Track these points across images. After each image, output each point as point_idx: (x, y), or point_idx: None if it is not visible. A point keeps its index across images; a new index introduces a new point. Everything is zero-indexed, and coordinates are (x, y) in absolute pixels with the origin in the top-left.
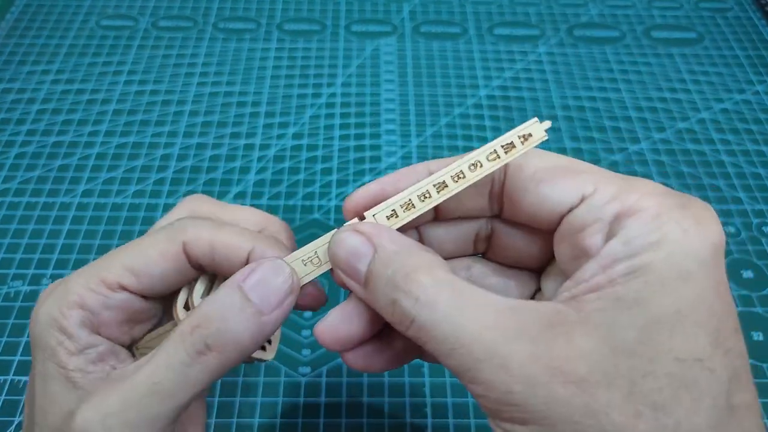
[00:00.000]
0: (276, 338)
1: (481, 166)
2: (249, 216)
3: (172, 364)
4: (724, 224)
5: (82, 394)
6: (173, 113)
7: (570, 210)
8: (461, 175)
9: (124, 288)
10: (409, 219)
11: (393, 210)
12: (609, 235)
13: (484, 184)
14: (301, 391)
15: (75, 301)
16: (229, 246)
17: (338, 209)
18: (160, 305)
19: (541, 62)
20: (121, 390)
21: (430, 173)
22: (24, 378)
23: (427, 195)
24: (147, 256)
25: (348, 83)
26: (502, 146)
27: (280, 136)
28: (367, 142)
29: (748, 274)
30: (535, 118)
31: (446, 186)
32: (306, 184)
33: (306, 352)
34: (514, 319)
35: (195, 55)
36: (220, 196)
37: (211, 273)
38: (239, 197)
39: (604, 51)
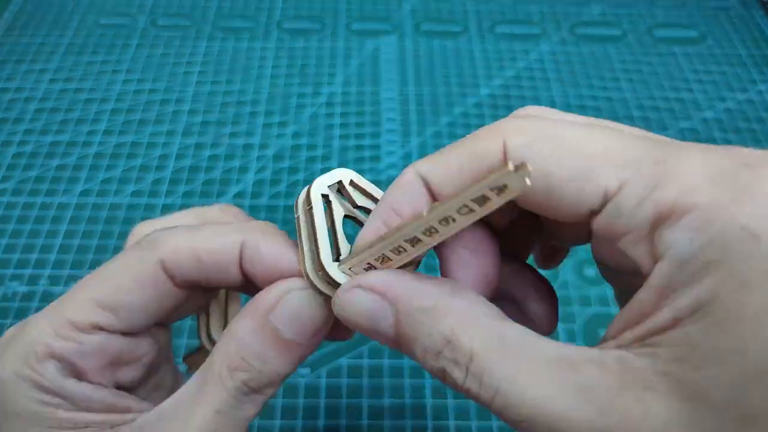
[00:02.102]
0: None
1: (454, 221)
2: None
3: (221, 411)
4: None
5: None
6: (171, 112)
7: (593, 213)
8: (433, 230)
9: (99, 328)
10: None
11: (369, 263)
12: (653, 252)
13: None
14: (301, 393)
15: (43, 351)
16: (214, 251)
17: None
18: (149, 340)
19: (542, 61)
20: None
21: (426, 187)
22: None
23: (402, 249)
24: (120, 286)
25: (348, 82)
26: (473, 200)
27: (279, 136)
28: (367, 141)
29: None
30: (509, 165)
31: (420, 240)
32: (306, 184)
33: None
34: (574, 382)
35: (194, 54)
36: (219, 195)
37: (217, 293)
38: (238, 197)
39: (607, 50)
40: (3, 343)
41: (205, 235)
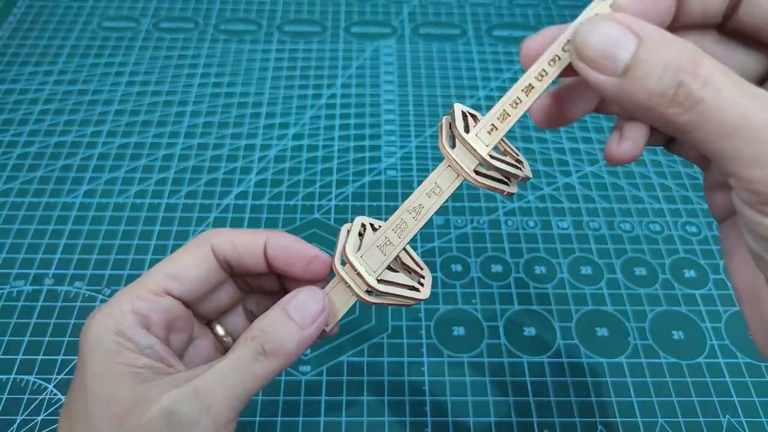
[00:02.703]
0: (428, 281)
1: (559, 59)
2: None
3: (240, 360)
4: None
5: (153, 386)
6: (175, 114)
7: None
8: (544, 73)
9: (168, 293)
10: (507, 128)
11: (492, 125)
12: None
13: None
14: (302, 390)
15: (128, 309)
16: (247, 241)
17: (338, 209)
18: (192, 318)
19: None
20: (202, 379)
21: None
22: (27, 377)
23: (518, 101)
24: (183, 262)
25: (348, 84)
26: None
27: (280, 137)
28: (366, 142)
29: None
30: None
31: (533, 87)
32: (306, 184)
33: (306, 351)
34: None
35: (196, 56)
36: (222, 196)
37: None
38: (240, 197)
39: None
40: (98, 309)
41: (240, 233)
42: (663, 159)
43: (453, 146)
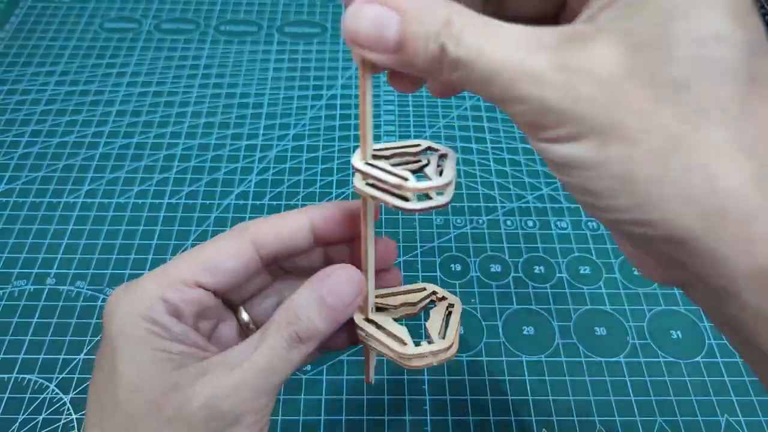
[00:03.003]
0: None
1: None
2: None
3: (276, 349)
4: None
5: (189, 372)
6: (176, 114)
7: None
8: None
9: (200, 285)
10: (369, 136)
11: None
12: None
13: None
14: (302, 389)
15: (158, 296)
16: (291, 228)
17: None
18: (221, 307)
19: None
20: (241, 372)
21: None
22: (28, 376)
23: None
24: (220, 254)
25: (348, 85)
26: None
27: (281, 137)
28: None
29: None
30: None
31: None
32: (307, 185)
33: None
34: (535, 38)
35: (197, 57)
36: (223, 196)
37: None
38: (241, 197)
39: None
40: (122, 292)
41: (281, 219)
42: None
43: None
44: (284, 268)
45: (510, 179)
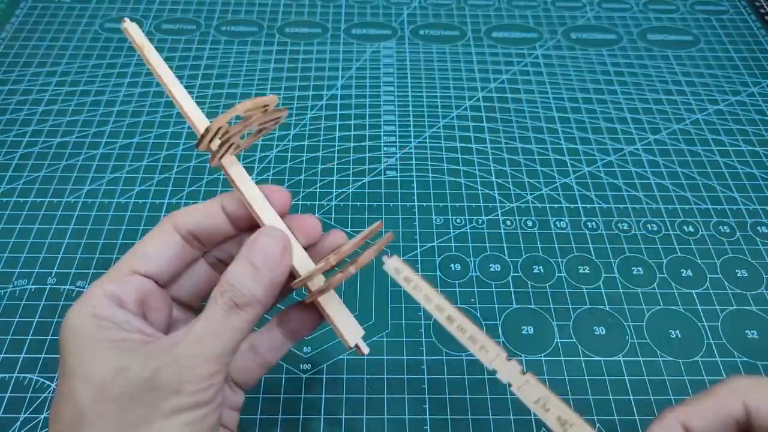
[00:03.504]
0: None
1: None
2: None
3: (214, 318)
4: (719, 224)
5: (134, 355)
6: (176, 114)
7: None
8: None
9: (136, 272)
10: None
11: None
12: None
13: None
14: (302, 388)
15: (100, 293)
16: (203, 206)
17: (338, 209)
18: (168, 299)
19: (538, 64)
20: (182, 344)
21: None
22: (29, 376)
23: None
24: (146, 241)
25: (348, 85)
26: None
27: (281, 137)
28: (366, 143)
29: (742, 273)
30: None
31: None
32: (307, 185)
33: (307, 349)
34: None
35: (198, 58)
36: None
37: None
38: None
39: (601, 53)
40: (73, 304)
41: (197, 205)
42: (660, 159)
43: None
44: (224, 261)
45: (509, 179)
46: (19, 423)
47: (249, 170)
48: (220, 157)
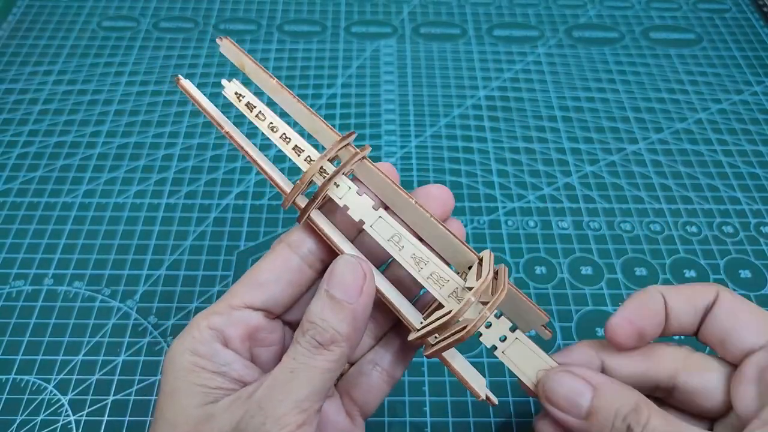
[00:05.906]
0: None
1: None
2: None
3: (298, 360)
4: (722, 224)
5: (222, 404)
6: (174, 114)
7: (752, 351)
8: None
9: (248, 305)
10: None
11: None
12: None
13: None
14: None
15: (205, 325)
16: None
17: None
18: (282, 329)
19: (540, 63)
20: (264, 388)
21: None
22: (26, 377)
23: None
24: (261, 268)
25: (348, 84)
26: None
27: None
28: (367, 142)
29: (746, 273)
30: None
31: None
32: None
33: None
34: None
35: (196, 56)
36: (222, 196)
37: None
38: (240, 197)
39: (603, 52)
40: (179, 333)
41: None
42: (663, 159)
43: None
44: None
45: (511, 179)
46: (16, 425)
47: (247, 170)
48: (307, 216)
